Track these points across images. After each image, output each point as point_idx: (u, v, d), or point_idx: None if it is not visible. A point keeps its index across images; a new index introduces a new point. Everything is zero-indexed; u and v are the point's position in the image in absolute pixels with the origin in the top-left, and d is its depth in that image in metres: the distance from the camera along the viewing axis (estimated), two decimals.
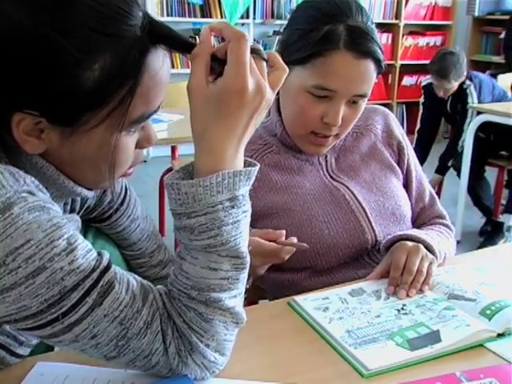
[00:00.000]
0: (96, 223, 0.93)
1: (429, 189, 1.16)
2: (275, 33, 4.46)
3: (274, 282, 1.04)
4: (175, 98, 2.95)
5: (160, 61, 0.63)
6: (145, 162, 4.21)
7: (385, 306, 0.87)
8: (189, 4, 4.11)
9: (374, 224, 1.03)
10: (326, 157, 1.08)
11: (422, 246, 0.95)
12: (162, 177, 2.80)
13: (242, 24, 4.29)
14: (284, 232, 0.90)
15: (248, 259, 0.67)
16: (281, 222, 1.01)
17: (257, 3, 4.32)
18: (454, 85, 2.96)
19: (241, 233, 0.64)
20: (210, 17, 4.18)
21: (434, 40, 5.04)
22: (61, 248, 0.58)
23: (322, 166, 1.07)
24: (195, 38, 4.16)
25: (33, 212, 0.57)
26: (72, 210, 0.84)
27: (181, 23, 4.11)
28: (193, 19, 4.16)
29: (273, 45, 4.42)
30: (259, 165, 0.66)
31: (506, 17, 3.39)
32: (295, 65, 0.96)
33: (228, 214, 0.62)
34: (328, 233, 1.00)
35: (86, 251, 0.60)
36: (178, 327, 0.65)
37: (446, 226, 1.15)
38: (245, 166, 0.66)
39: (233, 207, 0.63)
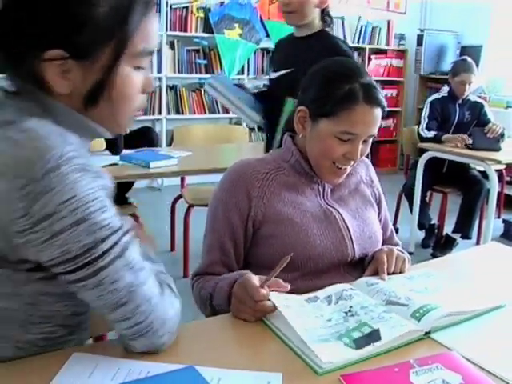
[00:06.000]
0: None
1: (390, 226, 1.22)
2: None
3: None
4: (184, 139, 2.98)
5: (153, 13, 0.68)
6: (159, 190, 4.21)
7: (335, 309, 0.86)
8: (195, 63, 4.20)
9: (354, 243, 1.06)
10: (324, 186, 1.10)
11: (395, 249, 1.05)
12: (174, 202, 2.78)
13: (238, 79, 4.37)
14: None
15: None
16: (284, 228, 1.02)
17: (250, 62, 4.41)
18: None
19: None
20: (213, 73, 4.25)
21: (391, 92, 5.13)
22: (95, 208, 0.62)
23: (320, 192, 1.09)
24: (201, 90, 4.24)
25: (77, 172, 0.61)
26: None
27: (189, 78, 4.19)
28: (199, 75, 4.24)
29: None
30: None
31: (445, 76, 3.52)
32: (323, 117, 0.99)
33: None
34: (319, 243, 1.02)
35: (114, 215, 0.65)
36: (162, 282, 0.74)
37: (401, 251, 1.20)
38: None
39: None
